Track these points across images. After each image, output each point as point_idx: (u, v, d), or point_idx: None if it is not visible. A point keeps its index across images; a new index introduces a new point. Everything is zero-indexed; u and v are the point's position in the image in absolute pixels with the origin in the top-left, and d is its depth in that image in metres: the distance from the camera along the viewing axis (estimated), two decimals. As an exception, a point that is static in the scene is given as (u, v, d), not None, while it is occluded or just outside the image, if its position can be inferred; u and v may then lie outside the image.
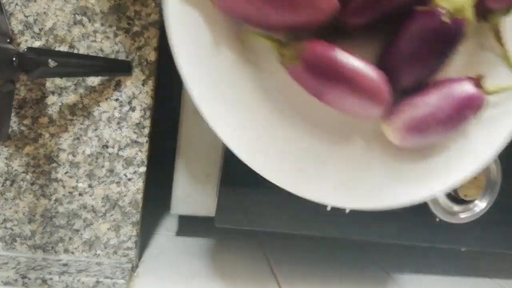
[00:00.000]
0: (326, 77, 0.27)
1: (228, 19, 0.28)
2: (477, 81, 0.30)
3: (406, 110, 0.30)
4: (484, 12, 0.29)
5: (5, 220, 0.48)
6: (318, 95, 0.29)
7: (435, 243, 0.56)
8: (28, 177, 0.47)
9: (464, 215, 0.55)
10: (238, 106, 0.29)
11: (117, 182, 0.49)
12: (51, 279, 0.45)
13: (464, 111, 0.29)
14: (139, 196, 0.50)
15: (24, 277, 0.45)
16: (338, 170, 0.31)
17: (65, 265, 0.48)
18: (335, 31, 0.29)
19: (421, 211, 0.53)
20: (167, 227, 0.67)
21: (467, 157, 0.32)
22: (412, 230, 0.54)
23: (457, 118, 0.30)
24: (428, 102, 0.29)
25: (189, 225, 0.68)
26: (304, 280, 0.57)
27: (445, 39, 0.27)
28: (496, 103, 0.31)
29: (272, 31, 0.29)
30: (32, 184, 0.48)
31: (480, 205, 0.55)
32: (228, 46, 0.28)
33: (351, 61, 0.27)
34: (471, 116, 0.30)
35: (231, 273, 0.55)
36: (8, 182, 0.47)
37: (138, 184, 0.49)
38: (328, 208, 0.49)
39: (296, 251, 0.66)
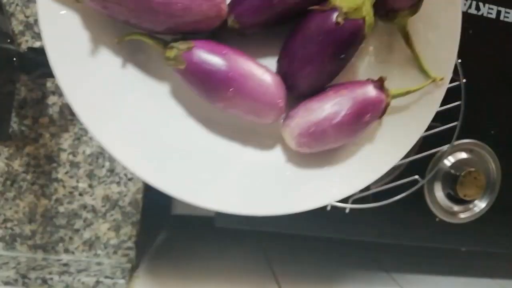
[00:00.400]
0: (214, 81, 0.25)
1: (110, 19, 0.25)
2: (379, 84, 0.28)
3: (301, 114, 0.28)
4: (388, 12, 0.28)
5: (5, 220, 0.48)
6: (209, 99, 0.26)
7: (435, 243, 0.56)
8: (28, 177, 0.48)
9: (464, 215, 0.55)
10: (122, 117, 0.26)
11: (117, 182, 0.49)
12: (51, 279, 0.46)
13: (364, 115, 0.28)
14: (139, 196, 0.50)
15: (24, 277, 0.45)
16: (236, 176, 0.28)
17: (65, 265, 0.48)
18: (230, 32, 0.27)
19: (421, 211, 0.53)
20: (167, 227, 0.67)
21: (373, 161, 0.30)
22: (412, 230, 0.54)
23: (357, 122, 0.28)
24: (324, 106, 0.28)
25: (189, 225, 0.68)
26: (304, 279, 0.57)
27: (341, 40, 0.26)
28: (403, 106, 0.30)
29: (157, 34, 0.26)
30: (33, 184, 0.48)
31: (480, 205, 0.55)
32: (109, 48, 0.25)
33: (242, 63, 0.26)
34: (373, 120, 0.29)
35: (231, 272, 0.55)
36: (8, 182, 0.47)
37: (138, 184, 0.50)
38: (328, 208, 0.50)
39: (296, 251, 0.66)
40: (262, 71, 0.26)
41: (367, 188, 0.50)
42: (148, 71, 0.27)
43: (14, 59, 0.39)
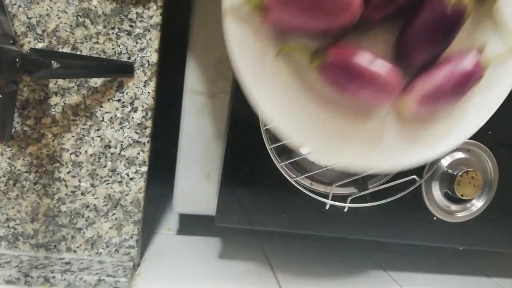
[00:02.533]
0: (345, 77, 0.33)
1: (273, 32, 0.35)
2: (479, 52, 0.35)
3: (420, 83, 0.35)
4: None
5: (8, 219, 0.49)
6: (340, 91, 0.35)
7: (432, 242, 0.56)
8: (31, 176, 0.48)
9: (461, 214, 0.55)
10: (281, 93, 0.36)
11: (119, 182, 0.50)
12: (53, 277, 0.46)
13: (468, 80, 0.34)
14: (141, 195, 0.50)
15: (26, 275, 0.46)
16: (358, 140, 0.37)
17: (67, 263, 0.49)
18: (358, 25, 0.34)
19: (419, 210, 0.54)
20: (168, 226, 0.68)
21: (467, 121, 0.37)
22: (410, 229, 0.55)
23: (462, 88, 0.35)
24: (438, 75, 0.34)
25: (190, 224, 0.68)
26: (304, 278, 0.57)
27: (450, 22, 0.33)
28: (489, 75, 0.36)
29: (310, 35, 0.35)
30: (35, 183, 0.48)
31: (477, 204, 0.56)
32: (273, 50, 0.35)
33: (365, 60, 0.33)
34: (476, 83, 0.35)
35: (231, 271, 0.56)
36: (11, 182, 0.48)
37: (140, 184, 0.50)
38: (327, 207, 0.50)
39: (296, 250, 0.67)
40: (382, 64, 0.33)
41: (366, 187, 0.51)
42: (296, 65, 0.36)
43: (17, 60, 0.39)
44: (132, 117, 0.49)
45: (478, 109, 0.37)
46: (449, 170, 0.53)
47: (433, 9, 0.33)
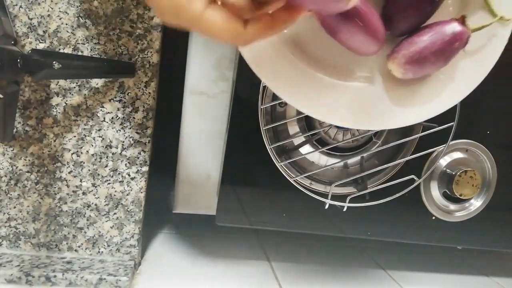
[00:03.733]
0: (341, 19, 0.34)
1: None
2: (462, 20, 0.36)
3: (405, 47, 0.36)
4: None
5: (9, 219, 0.49)
6: (333, 34, 0.35)
7: (431, 241, 0.56)
8: (32, 176, 0.48)
9: (460, 214, 0.56)
10: (279, 57, 0.37)
11: (120, 181, 0.50)
12: (54, 276, 0.46)
13: (453, 45, 0.35)
14: (142, 195, 0.51)
15: (28, 274, 0.46)
16: (349, 98, 0.38)
17: (68, 262, 0.49)
18: None
19: (417, 209, 0.54)
20: (169, 225, 0.68)
21: (456, 86, 0.38)
22: (408, 229, 0.55)
23: (448, 50, 0.36)
24: (424, 39, 0.36)
25: (191, 224, 0.69)
26: (304, 278, 0.57)
27: None
28: (476, 46, 0.38)
29: None
30: (37, 183, 0.48)
31: (476, 204, 0.56)
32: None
33: (362, 5, 0.34)
34: (460, 48, 0.36)
35: (232, 271, 0.56)
36: (12, 182, 0.48)
37: (141, 183, 0.50)
38: (326, 206, 0.50)
39: (296, 250, 0.67)
40: (373, 11, 0.34)
41: (365, 187, 0.51)
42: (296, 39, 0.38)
43: (18, 60, 0.40)
44: (133, 117, 0.49)
45: (464, 76, 0.38)
46: (447, 170, 0.54)
47: None
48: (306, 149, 0.51)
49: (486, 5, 0.37)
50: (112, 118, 0.49)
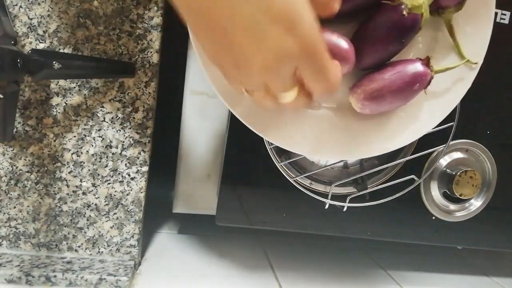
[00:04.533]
0: None
1: None
2: (426, 61, 0.36)
3: (365, 83, 0.36)
4: (438, 9, 0.36)
5: (9, 219, 0.49)
6: None
7: (431, 241, 0.57)
8: (32, 176, 0.48)
9: (460, 214, 0.56)
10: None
11: (120, 181, 0.50)
12: (54, 276, 0.46)
13: (413, 85, 0.35)
14: (142, 195, 0.51)
15: (28, 274, 0.46)
16: (313, 129, 0.38)
17: (68, 262, 0.49)
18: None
19: (418, 210, 0.54)
20: (169, 225, 0.68)
21: (414, 124, 0.39)
22: (408, 229, 0.55)
23: (408, 90, 0.36)
24: (384, 77, 0.36)
25: (191, 224, 0.69)
26: (303, 277, 0.57)
27: (402, 29, 0.34)
28: (440, 82, 0.38)
29: None
30: (37, 183, 0.48)
31: (476, 204, 0.56)
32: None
33: (328, 35, 0.34)
34: (419, 90, 0.36)
35: (232, 270, 0.56)
36: (12, 182, 0.48)
37: (141, 183, 0.50)
38: (326, 206, 0.50)
39: (296, 250, 0.67)
40: (342, 40, 0.35)
41: (365, 187, 0.51)
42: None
43: (18, 60, 0.40)
44: (133, 117, 0.49)
45: (428, 113, 0.39)
46: (447, 170, 0.54)
47: (388, 12, 0.34)
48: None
49: (455, 46, 0.38)
50: (112, 118, 0.49)
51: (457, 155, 0.54)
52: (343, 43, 0.34)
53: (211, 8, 0.25)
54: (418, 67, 0.35)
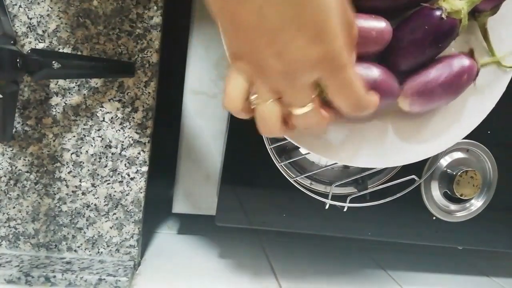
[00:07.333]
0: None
1: None
2: (471, 54, 0.35)
3: (412, 79, 0.35)
4: (474, 12, 0.36)
5: (8, 219, 0.49)
6: None
7: (432, 241, 0.56)
8: (32, 176, 0.48)
9: (460, 214, 0.56)
10: None
11: (120, 182, 0.50)
12: (54, 276, 0.46)
13: (461, 78, 0.35)
14: (142, 195, 0.50)
15: (27, 275, 0.46)
16: (361, 139, 0.38)
17: (68, 263, 0.49)
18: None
19: (418, 210, 0.54)
20: (169, 225, 0.68)
21: (461, 121, 0.38)
22: (409, 229, 0.55)
23: (456, 84, 0.35)
24: (430, 71, 0.35)
25: (190, 224, 0.69)
26: (303, 278, 0.57)
27: (441, 32, 0.33)
28: (480, 86, 0.38)
29: None
30: (36, 183, 0.48)
31: (476, 204, 0.56)
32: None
33: (363, 68, 0.33)
34: (468, 82, 0.35)
35: (231, 271, 0.56)
36: (12, 182, 0.48)
37: (140, 184, 0.50)
38: (327, 207, 0.50)
39: (296, 250, 0.67)
40: (376, 70, 0.34)
41: (365, 187, 0.51)
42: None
43: (18, 60, 0.40)
44: (133, 117, 0.49)
45: (472, 110, 0.38)
46: (448, 170, 0.54)
47: (426, 15, 0.33)
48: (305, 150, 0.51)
49: (488, 50, 0.37)
50: (112, 118, 0.48)
51: (458, 155, 0.54)
52: (378, 74, 0.33)
53: (237, 10, 0.25)
54: (464, 60, 0.35)
